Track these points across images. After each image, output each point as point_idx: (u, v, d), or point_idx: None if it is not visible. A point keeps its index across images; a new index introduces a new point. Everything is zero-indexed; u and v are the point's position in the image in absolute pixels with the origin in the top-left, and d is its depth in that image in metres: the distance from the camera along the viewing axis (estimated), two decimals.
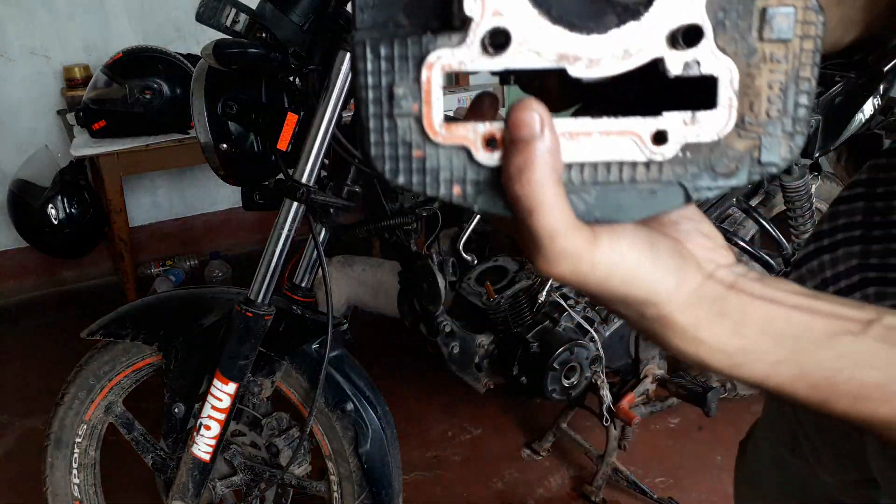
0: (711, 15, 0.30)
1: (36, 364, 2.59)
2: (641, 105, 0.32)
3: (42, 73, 2.88)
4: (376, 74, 0.30)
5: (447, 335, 1.52)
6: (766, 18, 0.31)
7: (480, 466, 2.00)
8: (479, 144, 0.31)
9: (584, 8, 0.30)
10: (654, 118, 0.31)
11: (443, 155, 0.31)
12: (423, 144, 0.31)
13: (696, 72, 0.31)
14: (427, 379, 2.40)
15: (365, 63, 0.30)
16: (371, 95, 0.30)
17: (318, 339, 1.29)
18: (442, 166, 0.31)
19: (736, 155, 0.32)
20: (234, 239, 3.46)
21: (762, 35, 0.31)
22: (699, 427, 2.13)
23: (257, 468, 1.35)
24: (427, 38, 0.30)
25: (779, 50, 0.31)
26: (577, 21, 0.29)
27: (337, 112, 1.19)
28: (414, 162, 0.31)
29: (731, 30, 0.31)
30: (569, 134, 0.31)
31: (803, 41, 0.31)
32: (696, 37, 0.30)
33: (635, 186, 0.32)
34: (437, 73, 0.30)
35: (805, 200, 1.98)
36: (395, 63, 0.30)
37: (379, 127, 0.30)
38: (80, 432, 1.41)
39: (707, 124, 0.31)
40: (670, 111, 0.31)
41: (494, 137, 0.31)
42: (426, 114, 0.30)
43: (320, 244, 1.26)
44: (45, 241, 2.72)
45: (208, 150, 1.25)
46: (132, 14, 2.97)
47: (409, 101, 0.30)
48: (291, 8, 1.15)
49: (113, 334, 1.34)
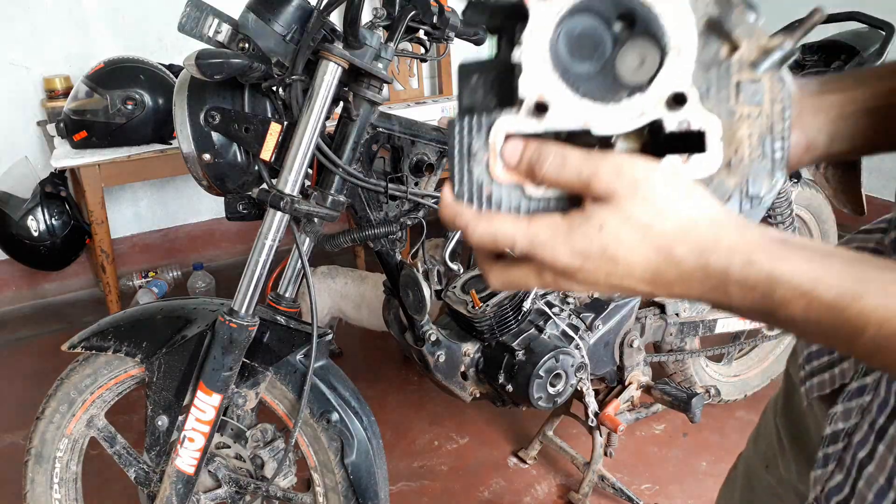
0: (698, 86, 0.41)
1: (16, 377, 2.55)
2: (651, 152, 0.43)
3: (22, 84, 2.86)
4: (462, 138, 0.44)
5: (433, 344, 1.52)
6: (740, 89, 0.42)
7: (467, 475, 2.00)
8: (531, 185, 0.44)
9: (603, 86, 0.42)
10: (659, 160, 0.42)
11: (504, 190, 0.44)
12: (491, 184, 0.44)
13: (688, 127, 0.42)
14: (412, 388, 2.40)
15: (455, 131, 0.44)
16: (457, 152, 0.44)
17: (302, 349, 1.28)
18: (503, 198, 0.44)
19: (728, 188, 0.43)
20: (217, 249, 3.44)
21: (739, 100, 0.42)
22: (684, 433, 2.14)
23: (242, 480, 1.34)
24: (494, 113, 0.43)
25: (754, 110, 0.42)
26: (597, 94, 0.42)
27: (320, 122, 1.19)
28: (484, 196, 0.44)
29: (715, 97, 0.42)
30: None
31: (773, 104, 0.42)
32: (684, 101, 0.41)
33: None
34: (501, 135, 0.43)
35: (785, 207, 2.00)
36: (474, 130, 0.44)
37: (461, 173, 0.44)
38: (62, 446, 1.39)
39: (700, 165, 0.42)
40: (671, 155, 0.42)
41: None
42: (492, 162, 0.43)
43: (304, 254, 1.26)
44: (25, 253, 2.69)
45: (191, 160, 1.24)
46: (113, 24, 2.95)
47: (482, 154, 0.44)
48: (274, 18, 1.16)
49: (94, 347, 1.32)
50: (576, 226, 0.41)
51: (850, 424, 0.54)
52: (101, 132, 2.40)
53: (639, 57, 0.41)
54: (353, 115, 1.25)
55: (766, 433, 0.76)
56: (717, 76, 0.42)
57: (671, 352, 1.96)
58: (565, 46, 0.42)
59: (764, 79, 0.42)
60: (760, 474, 0.77)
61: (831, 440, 0.55)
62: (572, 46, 0.42)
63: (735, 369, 2.25)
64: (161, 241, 3.35)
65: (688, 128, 0.42)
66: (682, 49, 0.41)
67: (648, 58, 0.41)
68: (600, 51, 0.41)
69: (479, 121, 0.43)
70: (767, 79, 0.42)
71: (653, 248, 0.40)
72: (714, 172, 0.42)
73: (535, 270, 0.43)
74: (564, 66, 0.42)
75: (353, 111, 1.25)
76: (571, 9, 0.41)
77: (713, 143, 0.42)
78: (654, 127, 0.42)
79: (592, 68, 0.42)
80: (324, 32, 1.18)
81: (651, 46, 0.41)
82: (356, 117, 1.25)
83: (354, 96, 1.25)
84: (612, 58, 0.41)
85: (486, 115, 0.43)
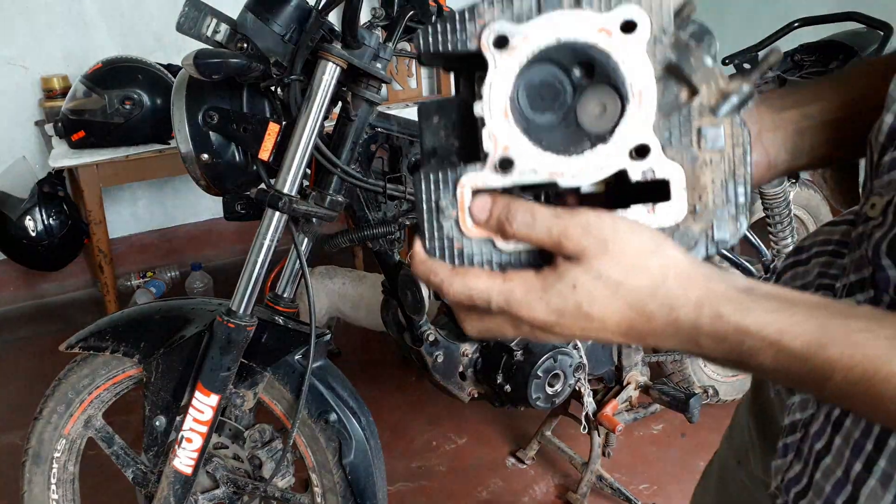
0: (659, 135, 0.42)
1: (13, 378, 2.55)
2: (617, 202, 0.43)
3: (20, 84, 2.85)
4: (429, 193, 0.44)
5: (431, 344, 1.52)
6: (702, 135, 0.42)
7: (465, 476, 2.00)
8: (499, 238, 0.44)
9: (566, 137, 0.42)
10: (624, 210, 0.43)
11: (475, 244, 0.44)
12: (461, 238, 0.44)
13: (652, 176, 0.42)
14: (411, 388, 2.40)
15: (422, 186, 0.44)
16: (425, 207, 0.44)
17: (300, 349, 1.28)
18: (475, 252, 0.44)
19: (694, 234, 0.43)
20: (215, 250, 3.44)
21: (700, 146, 0.42)
22: (682, 433, 2.14)
23: (240, 481, 1.33)
24: (460, 168, 0.43)
25: (716, 156, 0.42)
26: (561, 147, 0.42)
27: (318, 121, 1.19)
28: (455, 251, 0.44)
29: (677, 144, 0.42)
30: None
31: (734, 148, 0.42)
32: (647, 152, 0.42)
33: None
34: (468, 191, 0.43)
35: (783, 207, 2.00)
36: (440, 185, 0.43)
37: (431, 228, 0.44)
38: (59, 447, 1.39)
39: (665, 213, 0.43)
40: (636, 204, 0.43)
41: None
42: (462, 218, 0.44)
43: (303, 254, 1.26)
44: (23, 253, 2.69)
45: (189, 160, 1.24)
46: (111, 24, 2.95)
47: (450, 209, 0.44)
48: (273, 18, 1.15)
49: (92, 347, 1.32)
50: (549, 284, 0.42)
51: (807, 415, 0.54)
52: (100, 132, 2.40)
53: (600, 105, 0.41)
54: (352, 115, 1.25)
55: (739, 428, 0.77)
56: (679, 121, 0.42)
57: (669, 352, 1.96)
58: (526, 98, 0.42)
59: (724, 123, 0.42)
60: (733, 470, 0.77)
61: (789, 430, 0.56)
62: (533, 97, 0.42)
63: (733, 369, 2.25)
64: (159, 241, 3.35)
65: (652, 177, 0.42)
66: (642, 96, 0.41)
67: (609, 105, 0.41)
68: (561, 100, 0.42)
69: (446, 176, 0.43)
70: (727, 123, 0.42)
71: (625, 304, 0.41)
72: (680, 220, 0.43)
73: (510, 322, 0.44)
74: (527, 120, 0.42)
75: (352, 111, 1.25)
76: (531, 59, 0.41)
77: (677, 193, 0.42)
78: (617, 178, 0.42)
79: (555, 118, 0.42)
80: (322, 32, 1.18)
81: (611, 94, 0.41)
82: (354, 117, 1.25)
83: (353, 96, 1.24)
84: (574, 106, 0.41)
85: (451, 168, 0.43)
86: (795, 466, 0.53)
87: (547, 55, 0.41)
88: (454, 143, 0.44)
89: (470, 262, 0.44)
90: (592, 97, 0.41)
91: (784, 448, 0.56)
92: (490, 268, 0.44)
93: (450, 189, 0.43)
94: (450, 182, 0.43)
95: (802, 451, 0.53)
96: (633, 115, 0.41)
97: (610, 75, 0.41)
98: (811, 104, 0.56)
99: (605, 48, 0.41)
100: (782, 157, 0.57)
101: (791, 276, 0.64)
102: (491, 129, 0.42)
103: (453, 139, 0.45)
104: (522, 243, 0.44)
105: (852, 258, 0.52)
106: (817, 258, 0.62)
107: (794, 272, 0.64)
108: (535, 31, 0.41)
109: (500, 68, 0.41)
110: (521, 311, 0.43)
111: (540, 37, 0.41)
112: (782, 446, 0.56)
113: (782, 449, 0.56)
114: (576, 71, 0.41)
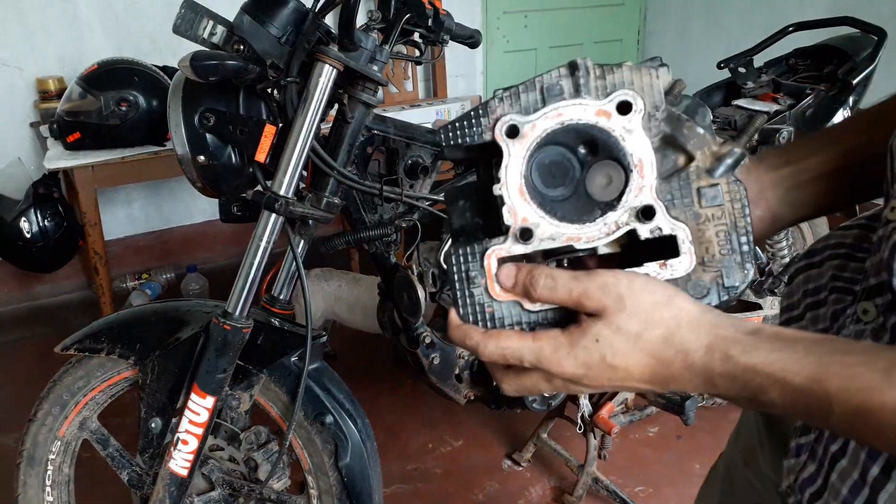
0: (662, 197, 0.47)
1: (8, 380, 2.54)
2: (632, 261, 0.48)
3: (15, 85, 2.85)
4: (459, 265, 0.49)
5: (427, 346, 1.52)
6: (701, 194, 0.47)
7: (461, 478, 2.00)
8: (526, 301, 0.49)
9: (578, 207, 0.47)
10: (639, 268, 0.48)
11: (504, 307, 0.49)
12: (492, 303, 0.49)
13: (660, 234, 0.47)
14: (407, 391, 2.40)
15: (453, 259, 0.49)
16: (457, 277, 0.49)
17: (296, 351, 1.28)
18: (505, 315, 0.49)
19: (705, 284, 0.48)
20: (211, 252, 3.43)
21: (701, 204, 0.47)
22: (678, 436, 2.14)
23: (236, 483, 1.33)
24: (485, 242, 0.49)
25: (717, 211, 0.47)
26: (574, 216, 0.47)
27: (315, 124, 1.19)
28: (487, 315, 0.49)
29: (679, 204, 0.47)
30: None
31: (733, 203, 0.47)
32: (652, 213, 0.47)
33: None
34: (494, 260, 0.49)
35: None
36: (469, 257, 0.49)
37: (463, 296, 0.49)
38: (54, 449, 1.39)
39: (676, 267, 0.48)
40: (649, 262, 0.48)
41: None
42: (490, 285, 0.49)
43: (299, 256, 1.26)
44: (17, 254, 2.68)
45: (185, 162, 1.24)
46: (107, 26, 2.95)
47: (479, 278, 0.49)
48: (269, 20, 1.15)
49: (88, 349, 1.32)
50: (575, 340, 0.46)
51: None
52: (95, 134, 2.39)
53: (606, 177, 0.47)
54: (348, 118, 1.25)
55: (746, 429, 0.78)
56: (679, 185, 0.47)
57: None
58: (538, 176, 0.47)
59: (721, 182, 0.47)
60: (740, 470, 0.78)
61: (802, 431, 0.57)
62: (545, 175, 0.47)
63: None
64: (155, 242, 3.34)
65: (659, 234, 0.47)
66: (642, 165, 0.46)
67: (614, 176, 0.47)
68: (570, 175, 0.47)
69: (473, 249, 0.49)
70: (724, 182, 0.47)
71: (645, 353, 0.46)
72: (691, 271, 0.48)
73: (544, 378, 0.49)
74: (541, 195, 0.47)
75: (348, 113, 1.25)
76: (539, 142, 0.47)
77: (684, 248, 0.47)
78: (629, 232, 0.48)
79: (566, 192, 0.47)
80: (319, 35, 1.18)
81: (615, 166, 0.46)
82: (351, 119, 1.25)
83: (349, 98, 1.25)
84: (582, 180, 0.47)
85: (478, 242, 0.49)
86: (810, 467, 0.54)
87: (554, 138, 0.47)
88: (479, 222, 0.50)
89: (501, 325, 0.49)
90: (598, 171, 0.47)
91: (797, 448, 0.57)
92: (521, 328, 0.49)
93: (478, 260, 0.49)
94: (477, 254, 0.49)
95: (817, 452, 0.54)
96: (636, 183, 0.46)
97: (612, 150, 0.46)
98: (807, 159, 0.60)
99: (605, 127, 0.46)
100: (785, 210, 0.61)
101: (804, 279, 0.65)
102: (510, 205, 0.47)
103: (478, 218, 0.51)
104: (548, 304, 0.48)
105: (872, 261, 0.53)
106: (830, 261, 0.63)
107: (807, 275, 0.65)
108: (542, 120, 0.47)
109: (513, 154, 0.47)
110: (552, 367, 0.47)
111: (546, 123, 0.47)
112: (795, 446, 0.57)
113: (795, 449, 0.57)
114: (581, 149, 0.47)
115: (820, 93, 1.98)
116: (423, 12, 1.33)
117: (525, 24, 4.00)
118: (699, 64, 3.82)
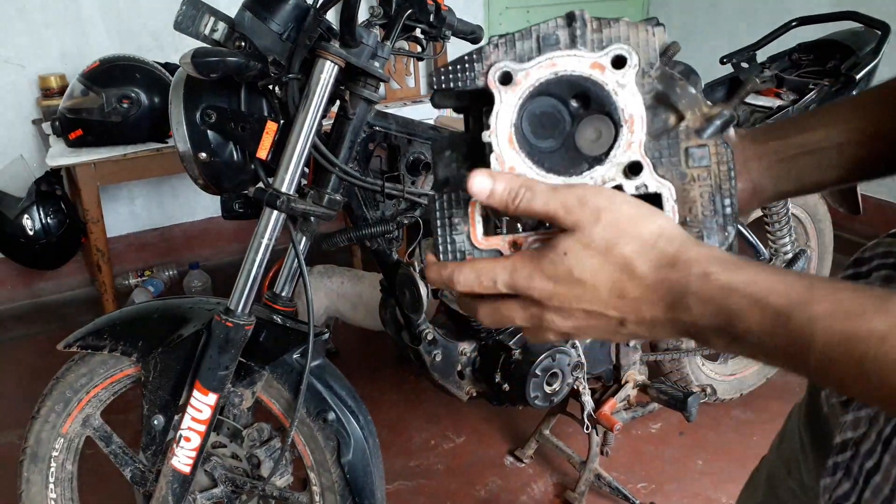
0: (650, 155, 0.47)
1: (11, 377, 2.54)
2: None
3: (17, 83, 2.85)
4: (443, 210, 0.49)
5: (429, 343, 1.52)
6: (689, 154, 0.48)
7: (463, 474, 2.00)
8: (507, 248, 0.49)
9: (566, 160, 0.47)
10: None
11: (485, 256, 0.48)
12: (472, 250, 0.49)
13: (645, 191, 0.47)
14: (409, 387, 2.40)
15: (437, 205, 0.49)
16: (440, 223, 0.49)
17: (299, 348, 1.28)
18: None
19: None
20: (213, 248, 3.43)
21: (688, 164, 0.48)
22: (680, 432, 2.14)
23: (238, 480, 1.33)
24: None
25: (703, 172, 0.48)
26: (561, 168, 0.47)
27: (317, 120, 1.19)
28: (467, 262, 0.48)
29: (667, 163, 0.47)
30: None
31: (719, 165, 0.48)
32: (639, 169, 0.47)
33: None
34: (478, 207, 0.49)
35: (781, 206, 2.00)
36: (454, 203, 0.49)
37: (445, 242, 0.49)
38: (57, 446, 1.39)
39: None
40: None
41: (517, 242, 0.48)
42: (473, 233, 0.49)
43: (301, 253, 1.26)
44: (20, 251, 2.68)
45: (187, 159, 1.24)
46: (109, 23, 2.94)
47: (462, 225, 0.49)
48: (270, 17, 1.15)
49: (90, 346, 1.32)
50: (544, 255, 0.45)
51: (859, 434, 0.53)
52: (97, 131, 2.39)
53: (595, 131, 0.47)
54: (350, 114, 1.25)
55: (790, 438, 0.75)
56: (668, 144, 0.47)
57: (667, 350, 1.96)
58: (529, 126, 0.47)
59: (709, 143, 0.48)
60: (783, 478, 0.76)
61: (840, 449, 0.55)
62: (535, 125, 0.47)
63: (731, 368, 2.25)
64: (157, 240, 3.34)
65: (645, 191, 0.47)
66: (633, 121, 0.46)
67: (604, 131, 0.47)
68: (560, 127, 0.47)
69: (458, 196, 0.49)
70: (712, 143, 0.48)
71: (615, 266, 0.43)
72: None
73: (519, 304, 0.47)
74: (529, 145, 0.47)
75: (350, 110, 1.25)
76: (532, 92, 0.47)
77: (668, 206, 0.48)
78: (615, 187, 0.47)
79: (555, 144, 0.47)
80: (320, 31, 1.17)
81: (605, 121, 0.46)
82: (353, 116, 1.25)
83: (351, 95, 1.24)
84: (572, 133, 0.47)
85: (463, 189, 0.47)
86: (844, 484, 0.53)
87: (547, 88, 0.46)
88: (464, 173, 0.48)
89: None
90: (589, 125, 0.47)
91: (834, 466, 0.55)
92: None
93: (462, 207, 0.49)
94: (462, 201, 0.49)
95: (852, 469, 0.52)
96: (625, 138, 0.46)
97: (604, 104, 0.46)
98: (796, 136, 0.59)
99: (598, 80, 0.46)
100: (766, 183, 0.60)
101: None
102: (498, 153, 0.47)
103: (464, 170, 0.50)
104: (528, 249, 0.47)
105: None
106: (878, 272, 0.60)
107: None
108: (536, 69, 0.47)
109: (505, 101, 0.47)
110: (523, 283, 0.45)
111: (540, 73, 0.46)
112: (832, 465, 0.55)
113: (832, 467, 0.55)
114: (573, 102, 0.47)
115: (823, 88, 1.97)
116: (425, 8, 1.32)
117: (527, 19, 3.99)
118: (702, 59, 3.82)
